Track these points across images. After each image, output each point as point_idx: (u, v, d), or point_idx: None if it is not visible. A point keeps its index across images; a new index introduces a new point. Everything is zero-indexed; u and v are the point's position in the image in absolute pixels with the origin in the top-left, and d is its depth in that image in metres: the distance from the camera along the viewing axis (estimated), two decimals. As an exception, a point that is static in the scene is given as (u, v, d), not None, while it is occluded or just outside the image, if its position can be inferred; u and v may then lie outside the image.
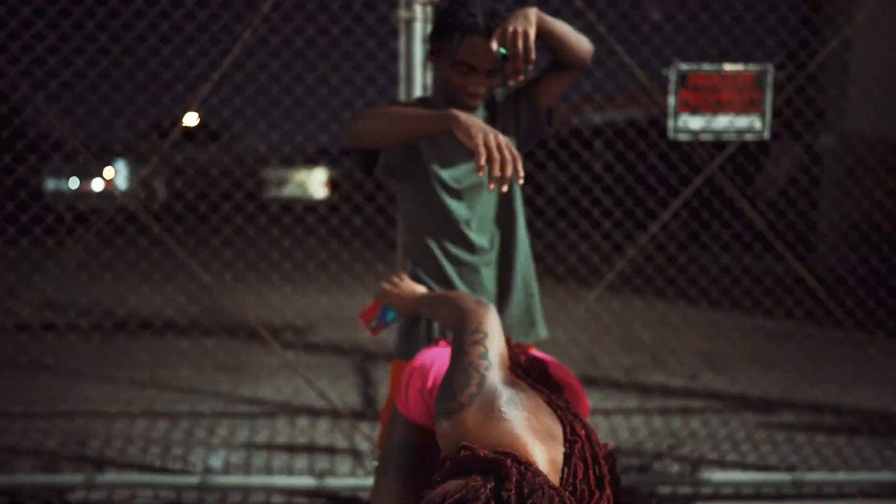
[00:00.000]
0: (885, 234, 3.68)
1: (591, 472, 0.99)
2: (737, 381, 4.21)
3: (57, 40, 2.17)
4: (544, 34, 1.49)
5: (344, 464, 2.86)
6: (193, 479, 2.46)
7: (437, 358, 1.29)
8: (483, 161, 1.24)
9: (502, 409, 0.96)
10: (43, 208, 2.50)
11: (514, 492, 0.80)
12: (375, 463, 1.62)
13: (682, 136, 2.42)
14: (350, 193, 2.72)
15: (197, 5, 2.17)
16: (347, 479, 2.56)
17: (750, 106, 2.39)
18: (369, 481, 2.56)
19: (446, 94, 1.61)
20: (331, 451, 3.02)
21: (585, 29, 2.09)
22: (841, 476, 2.66)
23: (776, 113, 2.41)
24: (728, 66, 2.38)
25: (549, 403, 1.10)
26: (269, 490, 2.59)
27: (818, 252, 7.15)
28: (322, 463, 2.85)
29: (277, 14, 2.25)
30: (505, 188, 1.27)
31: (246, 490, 2.60)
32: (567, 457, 0.98)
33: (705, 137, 2.41)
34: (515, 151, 1.27)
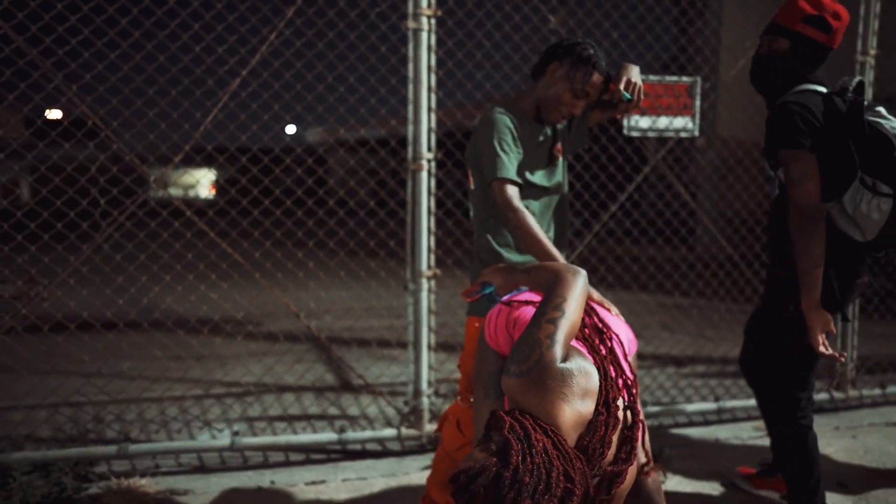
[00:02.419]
0: (754, 221, 4.54)
1: (606, 436, 1.30)
2: (656, 346, 4.94)
3: None
4: None
5: (336, 427, 3.14)
6: (225, 441, 2.66)
7: (512, 302, 1.67)
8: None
9: (549, 383, 1.29)
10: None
11: (508, 478, 1.10)
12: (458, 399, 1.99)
13: (634, 133, 2.99)
14: (236, 195, 2.81)
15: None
16: (365, 431, 2.87)
17: (684, 109, 3.01)
18: (383, 433, 2.90)
19: (543, 105, 2.02)
20: (325, 417, 3.30)
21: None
22: (752, 402, 3.36)
23: (702, 115, 3.04)
24: (668, 78, 2.97)
25: (599, 366, 1.39)
26: (288, 449, 2.85)
27: (697, 237, 8.29)
28: (321, 426, 3.12)
29: (251, 20, 2.47)
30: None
31: (265, 452, 2.83)
32: (591, 422, 1.30)
33: (651, 134, 2.99)
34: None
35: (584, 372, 1.33)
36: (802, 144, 1.95)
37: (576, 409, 1.28)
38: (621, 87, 1.99)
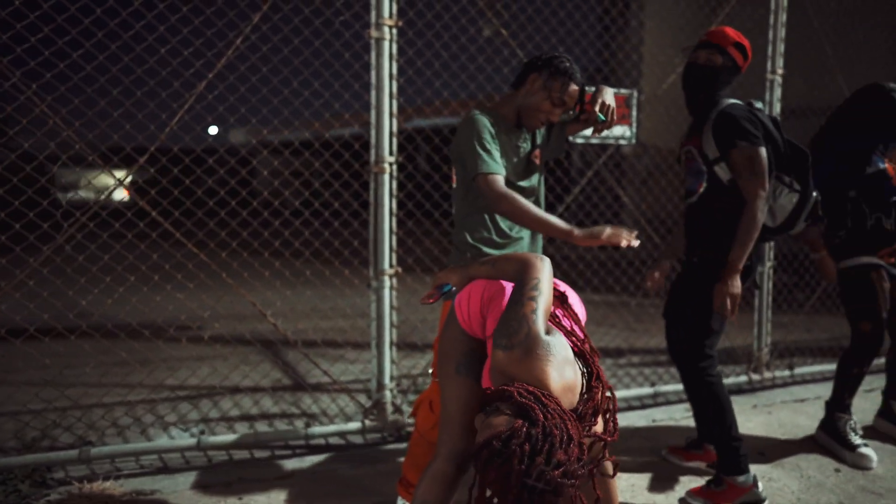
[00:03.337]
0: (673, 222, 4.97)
1: (600, 405, 1.48)
2: (597, 340, 5.26)
3: None
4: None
5: (299, 424, 3.20)
6: (190, 441, 2.67)
7: (484, 286, 1.82)
8: (621, 241, 1.96)
9: (538, 352, 1.44)
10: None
11: (540, 433, 1.26)
12: (430, 371, 2.09)
13: (578, 140, 3.23)
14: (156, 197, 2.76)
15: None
16: (330, 426, 2.95)
17: (623, 119, 3.29)
18: (348, 426, 2.99)
19: (523, 112, 2.16)
20: (285, 416, 3.35)
21: (508, 56, 2.80)
22: (679, 386, 3.69)
23: (638, 124, 3.34)
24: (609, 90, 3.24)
25: (574, 348, 1.57)
26: (253, 447, 2.88)
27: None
28: (282, 426, 3.17)
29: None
30: (636, 243, 1.98)
31: (228, 451, 2.86)
32: (584, 392, 1.47)
33: (594, 141, 3.25)
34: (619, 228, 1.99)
35: (563, 344, 1.51)
36: (761, 142, 2.32)
37: (562, 375, 1.43)
38: (597, 109, 2.18)
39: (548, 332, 1.52)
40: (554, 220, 2.04)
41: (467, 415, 1.71)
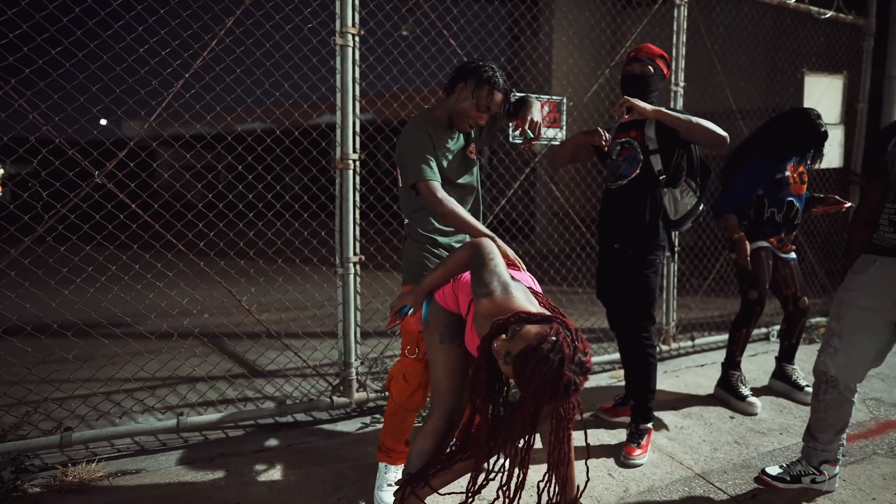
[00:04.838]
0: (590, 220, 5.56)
1: (578, 335, 1.82)
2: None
3: None
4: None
5: (269, 405, 3.38)
6: (171, 422, 2.79)
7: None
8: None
9: (513, 292, 1.79)
10: None
11: (572, 332, 1.58)
12: (408, 349, 2.35)
13: (517, 140, 3.64)
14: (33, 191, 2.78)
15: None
16: (301, 404, 3.16)
17: (554, 122, 3.73)
18: (319, 403, 3.21)
19: (454, 116, 2.36)
20: (252, 400, 3.50)
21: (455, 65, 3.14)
22: (606, 357, 4.21)
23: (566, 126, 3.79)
24: (542, 96, 3.67)
25: (538, 300, 1.93)
26: (228, 427, 3.04)
27: (536, 233, 9.49)
28: (250, 408, 3.33)
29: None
30: None
31: (203, 432, 3.00)
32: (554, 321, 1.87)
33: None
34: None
35: (526, 291, 1.85)
36: None
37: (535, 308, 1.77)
38: (526, 127, 2.39)
39: (513, 279, 1.86)
40: (480, 226, 2.27)
41: (454, 377, 2.03)
